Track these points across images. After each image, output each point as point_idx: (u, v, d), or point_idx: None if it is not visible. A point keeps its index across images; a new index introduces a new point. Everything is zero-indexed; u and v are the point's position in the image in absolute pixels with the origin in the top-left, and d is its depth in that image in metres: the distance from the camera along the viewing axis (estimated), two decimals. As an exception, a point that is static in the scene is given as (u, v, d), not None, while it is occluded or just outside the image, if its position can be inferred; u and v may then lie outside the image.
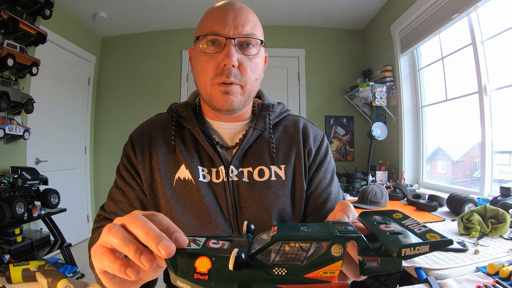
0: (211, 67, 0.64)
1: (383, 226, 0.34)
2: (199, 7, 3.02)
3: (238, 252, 0.29)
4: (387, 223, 0.35)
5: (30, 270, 0.70)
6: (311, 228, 0.32)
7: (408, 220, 0.36)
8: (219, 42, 0.63)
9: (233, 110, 0.67)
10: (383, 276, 1.99)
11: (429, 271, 0.90)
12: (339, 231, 0.30)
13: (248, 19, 0.65)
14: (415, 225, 0.34)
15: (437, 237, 0.30)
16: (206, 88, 0.66)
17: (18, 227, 2.06)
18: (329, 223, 0.34)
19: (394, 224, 0.35)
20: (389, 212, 0.39)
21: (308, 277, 0.29)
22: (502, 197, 1.47)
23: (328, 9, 3.14)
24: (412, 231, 0.32)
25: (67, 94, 3.13)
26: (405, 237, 0.31)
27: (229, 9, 0.64)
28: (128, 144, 0.72)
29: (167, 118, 0.76)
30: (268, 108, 0.76)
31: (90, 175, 3.51)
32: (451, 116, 2.41)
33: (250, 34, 0.64)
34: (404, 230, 0.33)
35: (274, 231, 0.32)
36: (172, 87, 3.53)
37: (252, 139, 0.71)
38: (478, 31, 1.96)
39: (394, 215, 0.38)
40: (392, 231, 0.32)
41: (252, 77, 0.66)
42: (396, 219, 0.37)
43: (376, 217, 0.38)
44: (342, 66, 3.55)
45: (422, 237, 0.30)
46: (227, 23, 0.62)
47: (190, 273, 0.31)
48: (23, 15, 2.24)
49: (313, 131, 0.77)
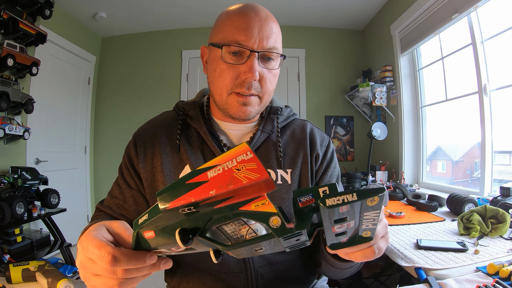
0: (230, 76, 0.63)
1: (336, 227, 0.32)
2: (199, 7, 3.02)
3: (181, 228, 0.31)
4: (343, 222, 0.33)
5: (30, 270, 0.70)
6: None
7: (370, 213, 0.34)
8: (242, 53, 0.62)
9: (248, 119, 0.68)
10: (383, 276, 1.99)
11: (429, 271, 0.90)
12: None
13: (272, 30, 0.63)
14: (368, 220, 0.32)
15: (369, 234, 0.31)
16: (222, 95, 0.65)
17: (18, 227, 2.06)
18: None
19: (349, 221, 0.33)
20: (373, 191, 0.37)
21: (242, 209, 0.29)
22: (502, 197, 1.47)
23: (328, 9, 3.14)
24: (359, 227, 0.32)
25: (67, 94, 3.13)
26: (342, 237, 0.32)
27: (254, 18, 0.61)
28: (131, 143, 0.72)
29: (173, 116, 0.75)
30: (277, 111, 0.76)
31: (90, 175, 3.50)
32: (451, 116, 2.41)
33: (273, 48, 0.63)
34: (352, 228, 0.32)
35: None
36: (172, 87, 3.53)
37: (259, 141, 0.71)
38: (478, 31, 1.96)
39: (369, 200, 0.37)
40: (339, 233, 0.32)
41: (270, 88, 0.67)
42: (367, 206, 0.35)
43: (341, 209, 0.36)
44: (342, 66, 3.55)
45: (358, 233, 0.32)
46: (253, 35, 0.60)
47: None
48: (23, 15, 2.24)
49: (320, 136, 0.77)
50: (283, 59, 0.68)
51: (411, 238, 1.20)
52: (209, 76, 0.68)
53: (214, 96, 0.68)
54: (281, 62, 0.68)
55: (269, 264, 0.68)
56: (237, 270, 0.66)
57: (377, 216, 0.31)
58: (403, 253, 1.05)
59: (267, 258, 0.68)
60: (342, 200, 0.27)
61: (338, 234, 0.32)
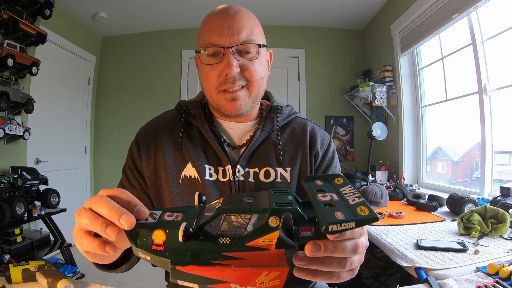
0: (214, 77, 0.65)
1: (320, 195, 0.36)
2: (199, 8, 3.02)
3: (186, 226, 0.32)
4: (325, 191, 0.37)
5: (30, 270, 0.70)
6: (253, 199, 0.35)
7: (346, 188, 0.38)
8: (218, 52, 0.64)
9: (241, 114, 0.68)
10: (383, 276, 1.99)
11: (429, 271, 0.90)
12: (277, 203, 0.33)
13: (243, 24, 0.64)
14: (350, 195, 0.35)
15: (366, 212, 0.32)
16: (212, 96, 0.68)
17: (18, 227, 2.06)
18: (270, 192, 0.37)
19: (331, 192, 0.37)
20: (331, 176, 0.41)
21: (249, 245, 0.32)
22: (502, 197, 1.47)
23: (328, 9, 3.14)
24: (346, 202, 0.34)
25: (67, 94, 3.13)
26: (337, 210, 0.32)
27: (223, 17, 0.64)
28: (134, 143, 0.73)
29: (175, 115, 0.76)
30: (277, 110, 0.76)
31: (90, 175, 3.50)
32: (451, 116, 2.41)
33: (247, 40, 0.64)
34: (339, 201, 0.35)
35: (219, 203, 0.35)
36: (172, 87, 3.53)
37: (259, 140, 0.72)
38: (478, 31, 1.96)
39: (336, 180, 0.41)
40: (327, 201, 0.34)
41: (258, 77, 0.67)
42: (336, 184, 0.39)
43: (318, 182, 0.40)
44: (342, 66, 3.55)
45: (353, 210, 0.32)
46: (223, 33, 0.63)
47: (149, 245, 0.34)
48: (23, 15, 2.24)
49: (321, 134, 0.78)
50: (264, 47, 0.69)
51: (411, 238, 1.20)
52: (200, 82, 0.71)
53: (208, 99, 0.71)
54: (263, 51, 0.69)
55: None
56: None
57: (353, 190, 0.36)
58: (403, 253, 1.05)
59: None
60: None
61: (326, 204, 0.34)
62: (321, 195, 0.36)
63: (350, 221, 0.30)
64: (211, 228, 0.34)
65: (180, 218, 0.37)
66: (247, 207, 0.33)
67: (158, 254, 0.33)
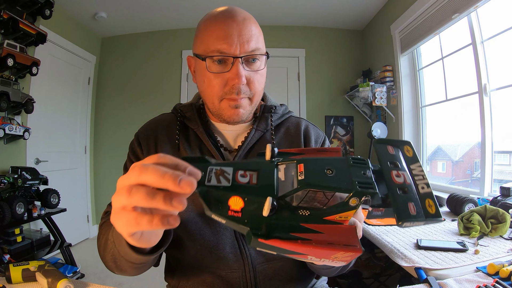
0: (219, 85, 0.64)
1: (395, 174, 0.36)
2: (199, 8, 3.02)
3: (271, 200, 0.31)
4: (398, 167, 0.37)
5: (30, 270, 0.70)
6: (335, 171, 0.34)
7: (416, 167, 0.38)
8: (226, 61, 0.63)
9: (241, 121, 0.69)
10: (383, 276, 1.99)
11: (429, 271, 0.90)
12: (359, 183, 0.33)
13: (251, 32, 0.64)
14: (420, 179, 0.36)
15: (433, 209, 0.33)
16: (214, 103, 0.67)
17: (18, 227, 2.06)
18: (349, 161, 0.36)
19: (403, 171, 0.37)
20: (400, 143, 0.41)
21: (326, 219, 0.33)
22: (502, 197, 1.47)
23: (328, 9, 3.14)
24: (416, 187, 0.35)
25: (67, 94, 3.13)
26: (409, 200, 0.33)
27: (232, 24, 0.62)
28: (135, 142, 0.73)
29: (172, 118, 0.77)
30: (271, 109, 0.77)
31: (90, 175, 3.50)
32: (451, 116, 2.41)
33: (255, 49, 0.64)
34: (411, 185, 0.35)
35: (301, 172, 0.34)
36: (172, 87, 3.53)
37: (253, 140, 0.72)
38: (478, 31, 1.96)
39: (405, 149, 0.41)
40: (401, 185, 0.35)
41: (259, 88, 0.68)
42: (407, 157, 0.40)
43: (389, 149, 0.40)
44: (342, 66, 3.55)
45: (422, 203, 0.34)
46: (233, 41, 0.61)
47: (225, 210, 0.32)
48: (23, 15, 2.24)
49: (315, 132, 0.78)
50: (267, 57, 0.69)
51: (411, 238, 1.20)
52: (199, 86, 0.70)
53: (207, 104, 0.71)
54: (266, 61, 0.69)
55: (266, 261, 0.68)
56: (235, 267, 0.67)
57: (422, 171, 0.37)
58: (403, 253, 1.05)
59: (264, 255, 0.68)
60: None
61: (400, 188, 0.35)
62: (395, 174, 0.36)
63: (421, 221, 0.32)
64: (290, 197, 0.34)
65: (255, 180, 0.35)
66: (331, 183, 0.33)
67: (235, 220, 0.32)
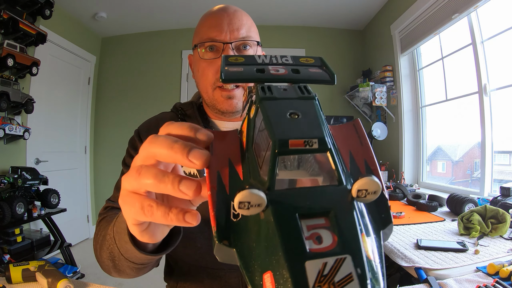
0: (211, 72, 0.66)
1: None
2: (199, 7, 3.02)
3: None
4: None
5: (30, 270, 0.70)
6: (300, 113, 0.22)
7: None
8: (217, 48, 0.66)
9: (237, 112, 0.69)
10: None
11: (429, 271, 0.90)
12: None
13: (242, 22, 0.67)
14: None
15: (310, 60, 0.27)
16: (208, 92, 0.68)
17: (18, 227, 2.06)
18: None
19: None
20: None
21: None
22: (502, 197, 1.47)
23: (328, 9, 3.13)
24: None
25: (67, 94, 3.13)
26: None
27: (223, 14, 0.66)
28: (135, 138, 0.74)
29: (172, 116, 0.77)
30: None
31: (90, 175, 3.50)
32: (451, 116, 2.41)
33: (246, 36, 0.66)
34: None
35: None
36: (172, 87, 3.53)
37: None
38: (478, 31, 1.96)
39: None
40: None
41: None
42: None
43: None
44: (342, 66, 3.54)
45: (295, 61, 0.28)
46: (223, 29, 0.65)
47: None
48: (23, 15, 2.24)
49: None
50: (260, 46, 0.71)
51: (411, 238, 1.20)
52: (195, 78, 0.72)
53: (202, 96, 0.72)
54: (259, 51, 0.71)
55: None
56: (234, 267, 0.67)
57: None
58: (403, 253, 1.05)
59: None
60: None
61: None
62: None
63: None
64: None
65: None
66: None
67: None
